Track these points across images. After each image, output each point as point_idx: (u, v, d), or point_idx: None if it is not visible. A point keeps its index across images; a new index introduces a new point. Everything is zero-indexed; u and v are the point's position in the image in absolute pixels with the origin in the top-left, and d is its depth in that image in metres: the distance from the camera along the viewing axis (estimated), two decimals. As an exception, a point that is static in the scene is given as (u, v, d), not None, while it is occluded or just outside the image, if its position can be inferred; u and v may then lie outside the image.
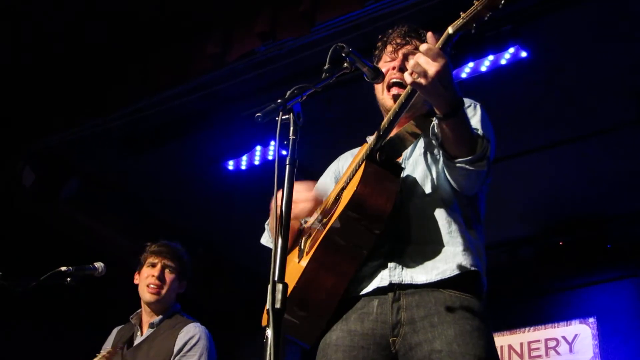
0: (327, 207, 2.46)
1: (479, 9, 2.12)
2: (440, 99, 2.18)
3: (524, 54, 4.75)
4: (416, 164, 2.46)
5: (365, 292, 2.34)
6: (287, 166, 2.03)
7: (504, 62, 4.81)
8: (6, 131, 5.80)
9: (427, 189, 2.40)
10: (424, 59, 2.12)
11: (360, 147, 2.69)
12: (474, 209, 2.46)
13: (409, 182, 2.42)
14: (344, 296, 2.35)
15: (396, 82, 2.51)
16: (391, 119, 2.34)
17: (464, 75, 4.87)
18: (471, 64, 4.82)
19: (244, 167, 5.98)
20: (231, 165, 5.98)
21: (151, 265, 3.81)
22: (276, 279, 1.88)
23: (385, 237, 2.31)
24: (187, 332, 3.68)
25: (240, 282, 7.47)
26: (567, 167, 5.98)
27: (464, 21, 2.14)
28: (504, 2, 2.09)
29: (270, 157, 5.82)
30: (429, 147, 2.45)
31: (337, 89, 4.78)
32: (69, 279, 3.39)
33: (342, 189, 2.40)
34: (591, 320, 6.43)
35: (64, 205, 6.26)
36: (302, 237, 2.54)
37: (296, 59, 4.90)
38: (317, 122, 5.06)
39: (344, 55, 2.30)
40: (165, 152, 5.91)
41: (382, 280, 2.31)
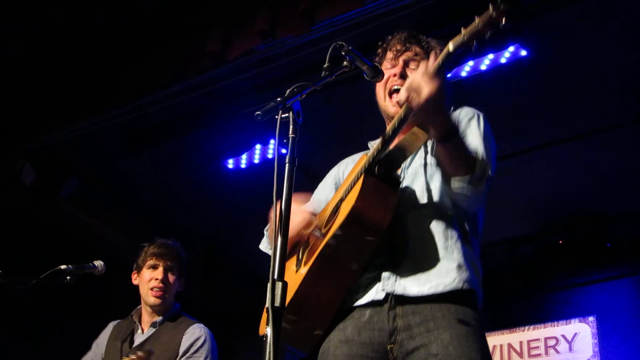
0: (326, 216, 2.47)
1: (479, 27, 2.09)
2: (434, 122, 2.18)
3: (523, 53, 4.74)
4: (416, 175, 2.45)
5: (360, 303, 2.36)
6: (287, 164, 2.03)
7: (503, 60, 4.80)
8: (6, 129, 5.80)
9: (426, 201, 2.39)
10: (419, 80, 2.12)
11: (360, 152, 2.69)
12: (472, 222, 2.45)
13: (407, 194, 2.41)
14: (341, 306, 2.36)
15: (397, 89, 2.50)
16: (390, 134, 2.33)
17: (463, 73, 4.86)
18: (471, 63, 4.81)
19: (243, 166, 5.97)
20: (231, 163, 5.96)
21: (152, 267, 3.79)
22: (276, 277, 1.89)
23: (382, 249, 2.33)
24: (193, 334, 3.68)
25: (239, 281, 7.46)
26: (567, 165, 5.97)
27: (464, 39, 2.12)
28: (505, 22, 2.05)
29: (270, 156, 5.81)
30: (430, 158, 2.44)
31: (337, 87, 4.78)
32: (68, 277, 3.40)
33: (341, 200, 2.41)
34: (591, 319, 6.42)
35: (64, 203, 6.26)
36: (300, 245, 2.54)
37: (296, 58, 4.90)
38: (317, 121, 5.06)
39: (343, 53, 2.30)
40: (165, 150, 5.90)
41: (378, 293, 2.33)
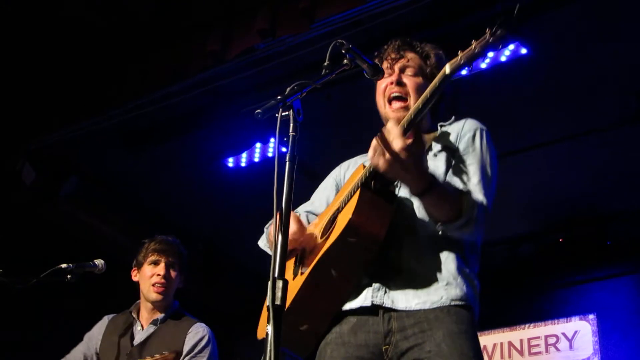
0: (324, 223, 2.50)
1: (476, 51, 2.12)
2: (403, 180, 2.21)
3: (524, 51, 4.74)
4: None
5: (349, 308, 2.39)
6: (287, 163, 2.04)
7: (503, 59, 4.80)
8: (6, 129, 5.80)
9: (421, 215, 2.39)
10: (383, 141, 2.11)
11: (361, 153, 2.70)
12: (469, 240, 2.43)
13: (403, 207, 2.41)
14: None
15: (396, 96, 2.54)
16: None
17: (464, 72, 4.84)
18: (471, 61, 4.80)
19: (243, 164, 5.97)
20: (231, 162, 5.97)
21: (153, 263, 3.77)
22: (276, 275, 1.89)
23: (376, 260, 2.35)
24: (197, 333, 3.69)
25: (239, 281, 7.46)
26: (567, 164, 5.97)
27: (461, 61, 2.15)
28: (502, 46, 2.07)
29: (270, 154, 5.81)
30: None
31: (337, 86, 4.78)
32: (69, 276, 3.41)
33: (338, 211, 2.43)
34: (591, 316, 6.42)
35: (64, 202, 6.26)
36: (295, 252, 2.56)
37: (296, 56, 4.90)
38: (317, 119, 5.06)
39: (343, 51, 2.31)
40: (164, 149, 5.90)
41: (366, 300, 2.36)
